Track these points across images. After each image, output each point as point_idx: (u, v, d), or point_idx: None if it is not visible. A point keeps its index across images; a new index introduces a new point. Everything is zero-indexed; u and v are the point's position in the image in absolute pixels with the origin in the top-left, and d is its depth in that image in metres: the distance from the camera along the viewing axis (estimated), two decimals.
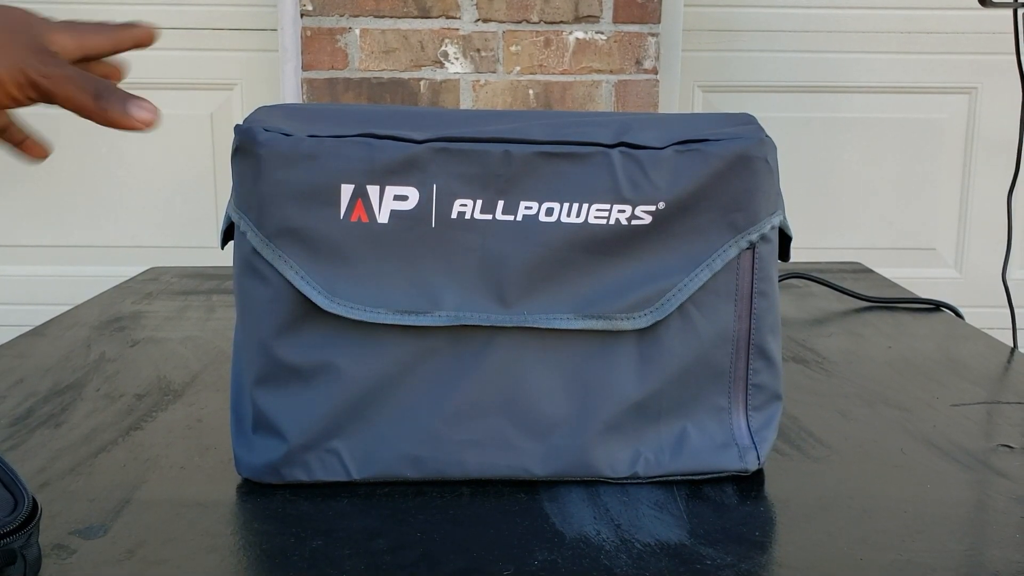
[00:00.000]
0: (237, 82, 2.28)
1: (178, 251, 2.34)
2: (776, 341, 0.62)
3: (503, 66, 2.06)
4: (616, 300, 0.58)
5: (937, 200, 2.41)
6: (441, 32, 2.04)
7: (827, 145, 2.37)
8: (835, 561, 0.51)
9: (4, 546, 0.43)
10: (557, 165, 0.57)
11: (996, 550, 0.52)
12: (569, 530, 0.55)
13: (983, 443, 0.68)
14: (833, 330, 0.99)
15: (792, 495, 0.59)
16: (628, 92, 2.08)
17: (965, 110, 2.38)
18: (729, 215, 0.59)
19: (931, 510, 0.57)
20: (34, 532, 0.46)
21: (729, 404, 0.61)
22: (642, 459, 0.60)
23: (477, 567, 0.50)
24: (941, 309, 1.08)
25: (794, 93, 2.35)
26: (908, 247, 2.43)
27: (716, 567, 0.50)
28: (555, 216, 0.58)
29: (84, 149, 2.28)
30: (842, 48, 2.34)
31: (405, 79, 2.05)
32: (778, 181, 0.61)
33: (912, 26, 2.34)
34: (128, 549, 0.52)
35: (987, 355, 0.90)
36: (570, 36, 2.05)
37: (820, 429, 0.70)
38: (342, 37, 2.03)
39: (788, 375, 0.83)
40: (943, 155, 2.39)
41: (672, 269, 0.59)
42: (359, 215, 0.57)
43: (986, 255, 2.43)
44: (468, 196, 0.57)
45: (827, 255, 2.38)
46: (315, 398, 0.58)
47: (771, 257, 0.61)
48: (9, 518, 0.44)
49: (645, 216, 0.58)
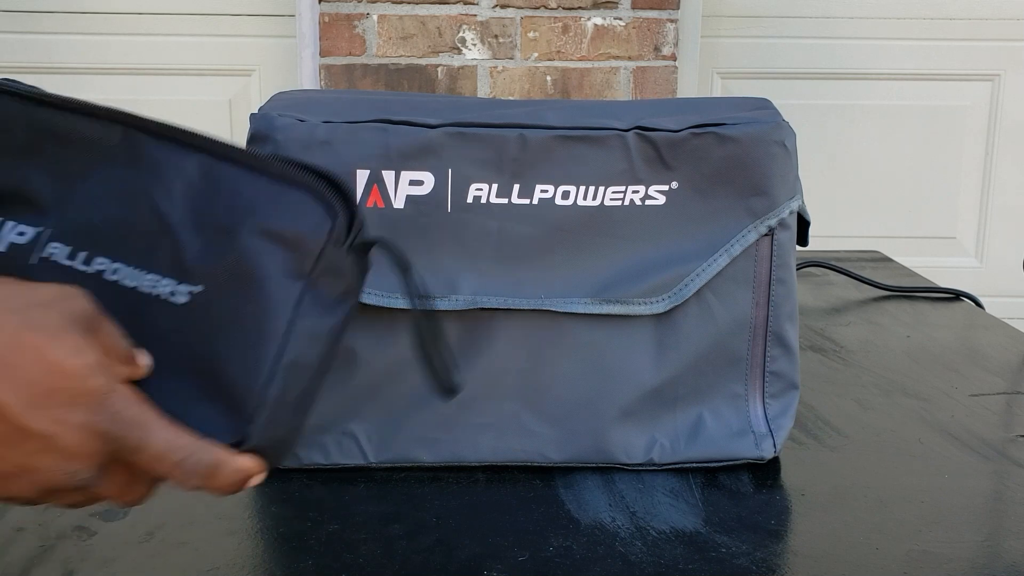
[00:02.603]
0: (255, 68, 2.28)
1: None
2: (794, 328, 0.62)
3: (520, 52, 2.05)
4: (633, 285, 0.58)
5: (958, 188, 2.39)
6: (459, 18, 2.03)
7: (847, 133, 2.35)
8: (851, 550, 0.51)
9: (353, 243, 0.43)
10: (572, 148, 0.57)
11: (1013, 541, 0.52)
12: (584, 517, 0.55)
13: (1002, 433, 0.67)
14: (851, 319, 0.98)
15: (808, 484, 0.59)
16: (646, 78, 2.07)
17: (987, 97, 2.35)
18: (747, 199, 0.58)
19: (948, 500, 0.57)
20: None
21: (746, 391, 0.61)
22: (658, 445, 0.60)
23: (492, 553, 0.51)
24: (961, 298, 1.07)
25: (814, 80, 2.33)
26: (928, 236, 2.41)
27: (731, 555, 0.50)
28: (571, 199, 0.58)
29: None
30: (863, 35, 2.31)
31: (423, 65, 2.05)
32: (796, 166, 0.60)
33: (934, 12, 2.31)
34: (147, 531, 0.53)
35: (1007, 345, 0.89)
36: (588, 22, 2.04)
37: (837, 418, 0.70)
38: (360, 23, 2.03)
39: (805, 364, 0.83)
40: (965, 143, 2.37)
41: (690, 254, 0.59)
42: (375, 200, 0.57)
43: (1007, 244, 2.41)
44: (484, 180, 0.57)
45: (846, 243, 2.36)
46: (331, 381, 0.58)
47: (790, 244, 0.60)
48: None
49: (659, 196, 0.58)
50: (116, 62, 2.25)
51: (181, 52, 2.26)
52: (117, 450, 0.38)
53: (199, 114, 2.28)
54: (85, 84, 2.25)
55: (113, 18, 2.23)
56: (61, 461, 0.37)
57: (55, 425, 0.36)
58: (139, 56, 2.25)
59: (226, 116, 2.30)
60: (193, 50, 2.26)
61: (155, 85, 2.26)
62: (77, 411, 0.36)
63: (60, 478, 0.37)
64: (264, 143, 0.58)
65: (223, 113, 2.30)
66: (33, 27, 2.23)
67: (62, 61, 2.24)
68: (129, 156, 0.44)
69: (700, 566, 0.49)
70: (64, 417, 0.36)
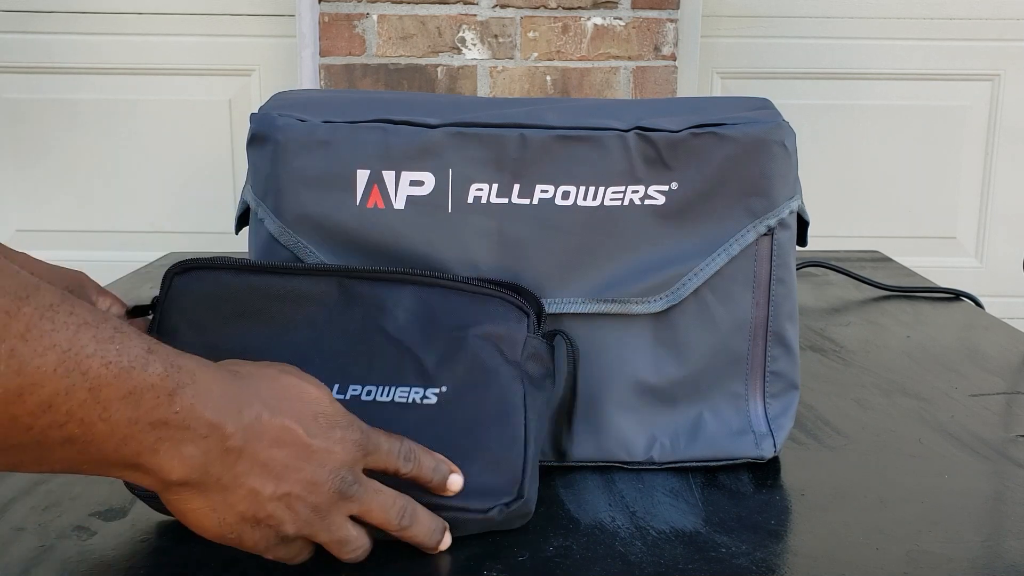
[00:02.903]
0: (255, 68, 2.28)
1: (196, 237, 2.35)
2: (794, 328, 0.62)
3: (520, 52, 2.05)
4: (631, 284, 0.58)
5: (958, 188, 2.39)
6: (458, 18, 2.03)
7: (847, 133, 2.35)
8: (851, 550, 0.51)
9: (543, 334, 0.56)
10: (573, 148, 0.57)
11: (1013, 541, 0.52)
12: (584, 516, 0.55)
13: (1001, 433, 0.67)
14: (851, 319, 0.98)
15: (808, 484, 0.59)
16: (646, 78, 2.07)
17: (987, 97, 2.35)
18: (746, 199, 0.58)
19: (948, 500, 0.57)
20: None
21: (746, 391, 0.61)
22: (658, 444, 0.60)
23: (492, 552, 0.51)
24: (961, 298, 1.07)
25: (814, 80, 2.33)
26: (928, 236, 2.41)
27: (731, 555, 0.50)
28: (571, 199, 0.58)
29: (102, 135, 2.29)
30: (862, 34, 2.31)
31: (422, 65, 2.05)
32: (796, 166, 0.60)
33: (934, 12, 2.31)
34: (147, 531, 0.53)
35: (1007, 345, 0.89)
36: (588, 22, 2.04)
37: (837, 418, 0.70)
38: (360, 23, 2.03)
39: (805, 364, 0.83)
40: (965, 143, 2.37)
41: (688, 254, 0.59)
42: (375, 201, 0.57)
43: (1007, 244, 2.41)
44: (484, 180, 0.57)
45: (846, 243, 2.36)
46: None
47: (790, 244, 0.60)
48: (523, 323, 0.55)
49: (659, 196, 0.58)
50: (116, 62, 2.25)
51: (181, 52, 2.26)
52: (366, 454, 0.47)
53: (199, 114, 2.28)
54: (85, 84, 2.25)
55: (113, 18, 2.23)
56: (335, 469, 0.45)
57: (328, 441, 0.45)
58: (139, 56, 2.25)
59: (226, 116, 2.30)
60: (193, 50, 2.26)
61: (155, 85, 2.26)
62: (336, 430, 0.46)
63: (336, 486, 0.45)
64: (264, 143, 0.58)
65: (223, 113, 2.30)
66: (33, 27, 2.23)
67: (62, 61, 2.24)
68: (347, 299, 0.55)
69: (700, 566, 0.49)
70: (331, 434, 0.46)
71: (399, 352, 0.54)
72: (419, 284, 0.55)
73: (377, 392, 0.53)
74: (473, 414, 0.52)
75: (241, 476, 0.43)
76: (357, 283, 0.55)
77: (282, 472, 0.44)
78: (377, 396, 0.53)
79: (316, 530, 0.46)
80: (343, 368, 0.53)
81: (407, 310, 0.54)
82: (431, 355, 0.53)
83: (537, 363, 0.55)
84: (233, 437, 0.42)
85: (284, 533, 0.45)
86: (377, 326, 0.54)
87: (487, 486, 0.51)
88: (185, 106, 2.27)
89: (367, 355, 0.54)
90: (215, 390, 0.42)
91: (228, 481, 0.43)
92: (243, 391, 0.43)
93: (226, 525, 0.44)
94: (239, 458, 0.42)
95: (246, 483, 0.43)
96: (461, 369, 0.53)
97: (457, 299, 0.55)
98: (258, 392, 0.44)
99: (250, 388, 0.44)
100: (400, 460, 0.48)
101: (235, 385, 0.43)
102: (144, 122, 2.28)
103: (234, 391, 0.43)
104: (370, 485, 0.47)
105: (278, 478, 0.44)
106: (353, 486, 0.46)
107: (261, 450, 0.43)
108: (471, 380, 0.53)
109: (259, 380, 0.45)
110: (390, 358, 0.54)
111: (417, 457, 0.49)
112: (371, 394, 0.53)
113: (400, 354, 0.54)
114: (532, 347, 0.54)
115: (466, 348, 0.53)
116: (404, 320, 0.54)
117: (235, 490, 0.43)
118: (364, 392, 0.53)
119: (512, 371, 0.53)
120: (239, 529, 0.44)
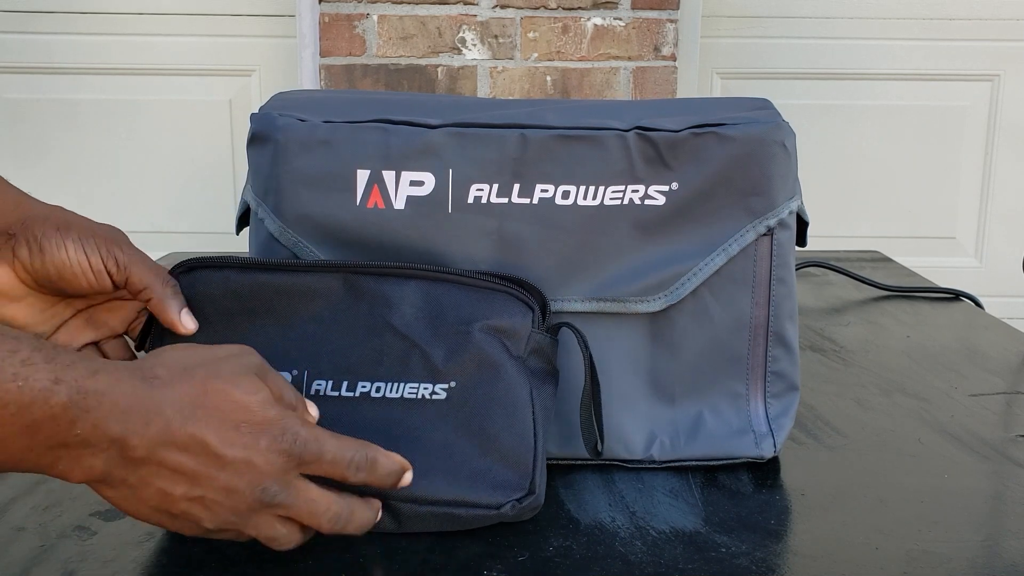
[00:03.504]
0: (255, 68, 2.28)
1: (196, 237, 2.35)
2: (794, 328, 0.62)
3: (520, 52, 2.05)
4: (630, 283, 0.58)
5: (958, 188, 2.39)
6: (459, 18, 2.03)
7: (847, 133, 2.35)
8: (851, 550, 0.51)
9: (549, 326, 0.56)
10: (573, 148, 0.57)
11: (1013, 540, 0.52)
12: (584, 516, 0.55)
13: (1001, 433, 0.67)
14: (851, 319, 0.98)
15: (808, 484, 0.59)
16: (646, 79, 2.07)
17: (987, 97, 2.35)
18: (746, 199, 0.58)
19: (948, 500, 0.57)
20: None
21: (747, 391, 0.61)
22: (657, 442, 0.60)
23: (492, 552, 0.51)
24: (961, 298, 1.07)
25: (814, 80, 2.33)
26: (928, 236, 2.41)
27: (731, 555, 0.50)
28: (571, 199, 0.58)
29: (103, 135, 2.29)
30: (862, 35, 2.31)
31: (423, 65, 2.05)
32: (796, 166, 0.60)
33: (934, 12, 2.31)
34: (147, 532, 0.53)
35: (1007, 345, 0.89)
36: (588, 22, 2.04)
37: (837, 418, 0.70)
38: (360, 23, 2.03)
39: (805, 364, 0.83)
40: (964, 143, 2.37)
41: (688, 253, 0.59)
42: (375, 201, 0.57)
43: (1007, 244, 2.40)
44: (484, 180, 0.57)
45: (846, 243, 2.36)
46: None
47: (789, 244, 0.60)
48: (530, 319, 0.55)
49: (659, 196, 0.58)
50: (116, 62, 2.25)
51: (181, 52, 2.26)
52: (299, 464, 0.45)
53: (199, 114, 2.28)
54: (85, 84, 2.25)
55: (113, 18, 2.23)
56: (255, 479, 0.44)
57: (247, 451, 0.44)
58: (139, 56, 2.25)
59: (226, 116, 2.30)
60: (193, 50, 2.26)
61: (155, 85, 2.26)
62: (262, 439, 0.44)
63: (256, 495, 0.44)
64: (265, 143, 0.58)
65: (223, 113, 2.30)
66: (33, 27, 2.23)
67: (62, 61, 2.24)
68: (353, 295, 0.54)
69: (700, 566, 0.49)
70: (255, 444, 0.44)
71: (407, 347, 0.54)
72: (425, 279, 0.55)
73: (387, 388, 0.53)
74: (482, 409, 0.53)
75: (148, 477, 0.43)
76: (363, 279, 0.55)
77: (194, 477, 0.43)
78: (387, 392, 0.53)
79: (240, 528, 0.45)
80: (351, 365, 0.53)
81: (413, 305, 0.54)
82: (439, 350, 0.53)
83: (540, 358, 0.55)
84: (137, 448, 0.42)
85: (204, 527, 0.45)
86: (384, 322, 0.54)
87: (498, 482, 0.52)
88: (185, 106, 2.27)
89: (375, 351, 0.54)
90: (123, 404, 0.41)
91: (135, 481, 0.43)
92: (155, 401, 0.42)
93: (142, 515, 0.44)
94: (143, 464, 0.42)
95: (154, 483, 0.43)
96: (469, 364, 0.53)
97: (462, 294, 0.55)
98: (173, 401, 0.43)
99: (164, 397, 0.43)
100: (348, 469, 0.46)
101: (148, 395, 0.42)
102: (144, 122, 2.28)
103: (145, 402, 0.42)
104: (302, 493, 0.46)
105: (191, 482, 0.43)
106: (278, 495, 0.45)
107: (169, 457, 0.43)
108: (479, 375, 0.53)
109: (178, 387, 0.43)
110: (398, 354, 0.54)
111: (371, 465, 0.47)
112: (380, 391, 0.53)
113: (408, 349, 0.54)
114: (536, 342, 0.55)
115: (472, 343, 0.53)
116: (411, 315, 0.54)
117: (142, 489, 0.43)
118: (373, 389, 0.53)
119: (517, 365, 0.54)
120: (157, 518, 0.45)
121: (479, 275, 0.55)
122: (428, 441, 0.52)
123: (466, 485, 0.51)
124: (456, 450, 0.52)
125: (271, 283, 0.54)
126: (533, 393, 0.54)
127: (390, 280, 0.55)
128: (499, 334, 0.54)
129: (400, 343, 0.54)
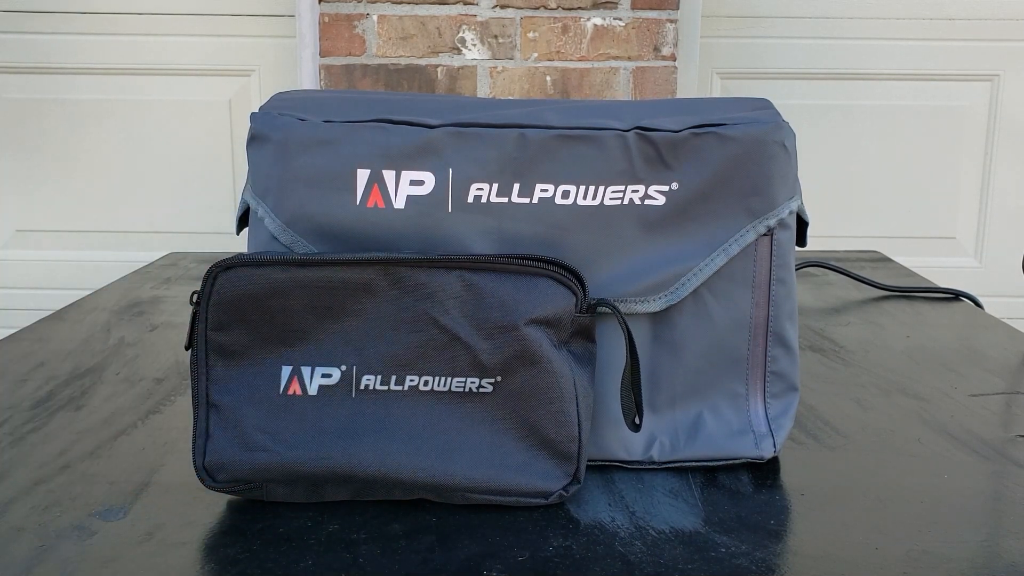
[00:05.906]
0: (255, 68, 2.28)
1: (196, 236, 2.35)
2: (794, 328, 0.62)
3: (520, 52, 2.05)
4: (630, 283, 0.58)
5: (958, 188, 2.39)
6: (458, 18, 2.03)
7: (846, 133, 2.35)
8: (850, 550, 0.51)
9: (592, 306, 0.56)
10: (573, 148, 0.57)
11: (1013, 540, 0.52)
12: (584, 516, 0.55)
13: (1001, 433, 0.67)
14: (851, 319, 0.98)
15: (808, 484, 0.59)
16: (646, 79, 2.07)
17: (987, 98, 2.35)
18: (746, 199, 0.58)
19: (948, 500, 0.57)
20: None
21: (747, 391, 0.61)
22: (657, 443, 0.60)
23: (492, 552, 0.51)
24: (960, 298, 1.07)
25: (813, 80, 2.33)
26: (928, 236, 2.41)
27: (731, 555, 0.50)
28: (571, 199, 0.58)
29: (102, 135, 2.29)
30: (862, 35, 2.31)
31: (422, 65, 2.05)
32: (796, 166, 0.60)
33: (934, 12, 2.31)
34: (147, 531, 0.53)
35: (1006, 345, 0.89)
36: (588, 22, 2.04)
37: (836, 418, 0.70)
38: (359, 23, 2.03)
39: (805, 364, 0.83)
40: (964, 143, 2.37)
41: (688, 254, 0.59)
42: (375, 200, 0.57)
43: (1007, 244, 2.41)
44: (484, 180, 0.57)
45: (845, 243, 2.36)
46: None
47: (789, 244, 0.60)
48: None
49: (659, 196, 0.58)
50: (116, 62, 2.25)
51: (181, 52, 2.26)
52: None
53: (199, 114, 2.28)
54: (85, 84, 2.25)
55: (113, 18, 2.23)
56: None
57: None
58: (139, 56, 2.25)
59: (226, 116, 2.30)
60: (193, 50, 2.26)
61: (155, 85, 2.26)
62: None
63: None
64: (265, 142, 0.58)
65: (223, 113, 2.30)
66: (32, 27, 2.23)
67: (62, 61, 2.24)
68: (396, 289, 0.54)
69: (699, 566, 0.49)
70: None
71: (452, 342, 0.54)
72: (466, 269, 0.55)
73: (434, 382, 0.55)
74: (528, 402, 0.54)
75: None
76: (404, 271, 0.54)
77: None
78: (435, 386, 0.55)
79: None
80: (399, 359, 0.54)
81: (456, 298, 0.54)
82: (484, 345, 0.54)
83: (582, 338, 0.56)
84: None
85: None
86: (428, 316, 0.54)
87: (545, 471, 0.55)
88: (185, 106, 2.27)
89: (421, 345, 0.54)
90: None
91: None
92: None
93: None
94: None
95: None
96: (514, 359, 0.54)
97: (504, 281, 0.55)
98: None
99: None
100: None
101: None
102: (144, 122, 2.28)
103: None
104: None
105: None
106: None
107: None
108: (523, 369, 0.54)
109: None
110: (444, 348, 0.54)
111: None
112: (428, 384, 0.55)
113: (453, 344, 0.54)
114: (578, 324, 0.56)
115: (516, 335, 0.54)
116: (455, 309, 0.54)
117: None
118: (422, 382, 0.54)
119: (560, 355, 0.55)
120: None
121: (520, 260, 0.55)
122: (476, 433, 0.54)
123: (514, 476, 0.54)
124: (503, 441, 0.54)
125: (313, 279, 0.54)
126: (576, 383, 0.55)
127: (431, 271, 0.54)
128: (543, 325, 0.54)
129: (445, 337, 0.54)
